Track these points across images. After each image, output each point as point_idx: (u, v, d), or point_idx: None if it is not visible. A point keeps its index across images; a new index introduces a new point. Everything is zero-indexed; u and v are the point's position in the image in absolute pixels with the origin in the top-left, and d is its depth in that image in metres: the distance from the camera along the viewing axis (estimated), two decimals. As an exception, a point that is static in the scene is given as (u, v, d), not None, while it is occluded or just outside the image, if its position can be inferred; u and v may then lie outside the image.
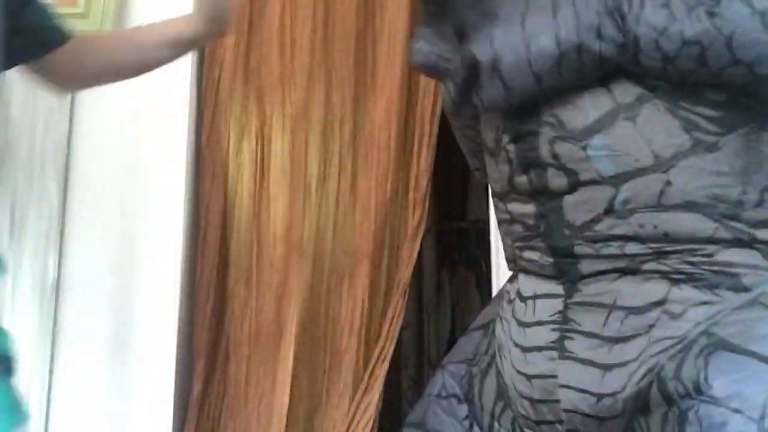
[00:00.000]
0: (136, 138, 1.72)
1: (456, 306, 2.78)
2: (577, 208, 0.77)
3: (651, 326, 0.72)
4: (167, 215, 1.68)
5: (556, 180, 0.78)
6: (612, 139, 0.74)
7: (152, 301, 1.63)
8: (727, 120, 0.71)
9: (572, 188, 0.77)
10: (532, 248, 0.82)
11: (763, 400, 0.62)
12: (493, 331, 0.89)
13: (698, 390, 0.66)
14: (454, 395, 0.90)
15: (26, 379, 1.54)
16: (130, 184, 1.70)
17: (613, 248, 0.75)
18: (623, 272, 0.75)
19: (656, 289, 0.73)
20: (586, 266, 0.78)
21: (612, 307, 0.75)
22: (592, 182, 0.75)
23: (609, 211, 0.75)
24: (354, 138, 1.76)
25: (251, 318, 1.68)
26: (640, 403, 0.70)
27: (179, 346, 1.63)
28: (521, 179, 0.82)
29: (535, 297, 0.82)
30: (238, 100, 1.82)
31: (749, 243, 0.71)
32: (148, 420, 1.58)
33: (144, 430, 1.59)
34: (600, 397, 0.73)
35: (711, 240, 0.72)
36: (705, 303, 0.71)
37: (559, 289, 0.80)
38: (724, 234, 0.71)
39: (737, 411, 0.63)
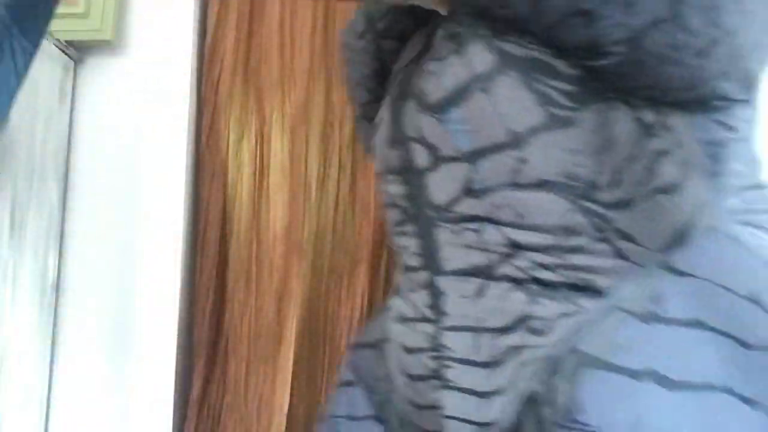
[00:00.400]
0: (135, 138, 1.72)
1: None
2: (439, 186, 0.74)
3: (518, 347, 0.69)
4: (167, 215, 1.68)
5: (420, 156, 0.75)
6: (468, 113, 0.70)
7: (152, 300, 1.63)
8: (581, 95, 0.68)
9: (434, 165, 0.74)
10: (404, 233, 0.79)
11: (627, 420, 0.60)
12: (386, 352, 0.85)
13: (569, 416, 0.63)
14: (371, 417, 0.86)
15: (26, 379, 1.54)
16: (130, 184, 1.70)
17: (470, 234, 0.72)
18: (481, 275, 0.72)
19: (517, 305, 0.70)
20: (447, 258, 0.74)
21: (480, 330, 0.71)
22: (451, 159, 0.72)
23: (467, 189, 0.72)
24: (354, 138, 1.76)
25: (251, 318, 1.68)
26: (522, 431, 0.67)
27: (179, 346, 1.63)
28: (392, 154, 0.79)
29: (412, 320, 0.78)
30: (237, 99, 1.82)
31: (602, 230, 0.67)
32: (148, 419, 1.59)
33: (144, 429, 1.59)
34: (481, 426, 0.70)
35: (565, 229, 0.68)
36: (565, 315, 0.68)
37: (428, 305, 0.76)
38: (578, 217, 0.68)
39: None
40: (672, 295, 0.64)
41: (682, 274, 0.65)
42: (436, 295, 0.76)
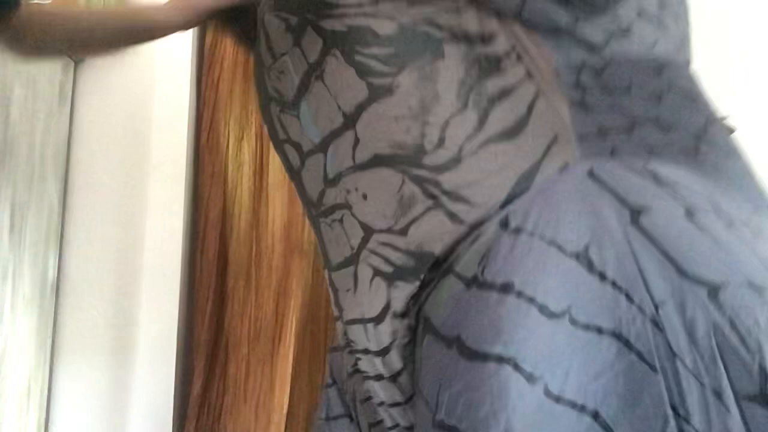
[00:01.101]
0: (135, 138, 1.72)
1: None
2: (310, 182, 0.74)
3: (394, 332, 0.67)
4: (167, 215, 1.68)
5: (293, 156, 0.76)
6: (311, 104, 0.70)
7: (152, 300, 1.63)
8: (398, 56, 0.64)
9: (303, 163, 0.74)
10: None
11: (434, 387, 0.57)
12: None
13: (418, 387, 0.62)
14: (344, 415, 0.85)
15: (26, 380, 1.54)
16: (130, 184, 1.70)
17: (338, 226, 0.71)
18: (351, 266, 0.70)
19: (381, 292, 0.68)
20: (331, 253, 0.74)
21: (364, 321, 0.70)
22: (311, 152, 0.72)
23: (325, 179, 0.71)
24: (354, 137, 1.76)
25: (250, 318, 1.68)
26: None
27: (179, 346, 1.63)
28: (280, 160, 0.80)
29: (335, 318, 0.79)
30: (237, 99, 1.82)
31: (434, 196, 0.63)
32: (148, 419, 1.58)
33: (144, 429, 1.58)
34: (401, 404, 0.69)
35: (402, 202, 0.64)
36: (416, 291, 0.65)
37: (334, 302, 0.77)
38: (411, 186, 0.64)
39: (426, 404, 0.58)
40: (495, 256, 0.58)
41: (513, 231, 0.58)
42: (334, 291, 0.76)
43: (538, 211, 0.58)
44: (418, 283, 0.65)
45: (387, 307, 0.67)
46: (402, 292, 0.66)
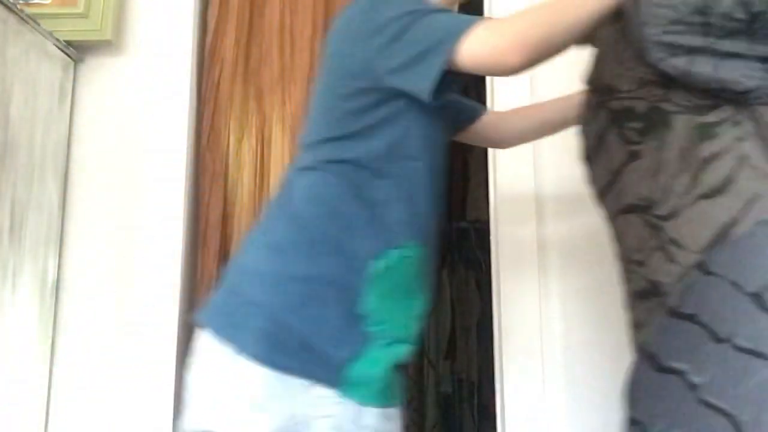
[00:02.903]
0: (136, 138, 1.72)
1: (456, 306, 2.78)
2: (606, 212, 0.94)
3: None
4: (167, 215, 1.68)
5: (593, 192, 0.97)
6: (598, 161, 0.90)
7: (152, 300, 1.63)
8: (645, 129, 0.83)
9: (599, 199, 0.95)
10: None
11: (633, 397, 0.75)
12: None
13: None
14: None
15: (26, 379, 1.54)
16: (130, 184, 1.70)
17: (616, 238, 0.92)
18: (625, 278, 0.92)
19: (639, 308, 0.86)
20: (626, 246, 0.91)
21: (632, 326, 0.88)
22: (599, 197, 0.94)
23: (608, 217, 0.92)
24: (354, 138, 1.76)
25: (251, 318, 1.68)
26: None
27: (179, 346, 1.63)
28: None
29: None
30: (238, 99, 1.82)
31: (659, 239, 0.81)
32: (148, 419, 1.58)
33: (144, 429, 1.58)
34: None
35: (636, 248, 0.84)
36: (647, 313, 0.81)
37: None
38: (645, 231, 0.84)
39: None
40: (691, 293, 0.72)
41: (709, 273, 0.72)
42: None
43: (729, 257, 0.71)
44: (643, 314, 0.79)
45: (639, 323, 0.82)
46: (634, 314, 0.82)
